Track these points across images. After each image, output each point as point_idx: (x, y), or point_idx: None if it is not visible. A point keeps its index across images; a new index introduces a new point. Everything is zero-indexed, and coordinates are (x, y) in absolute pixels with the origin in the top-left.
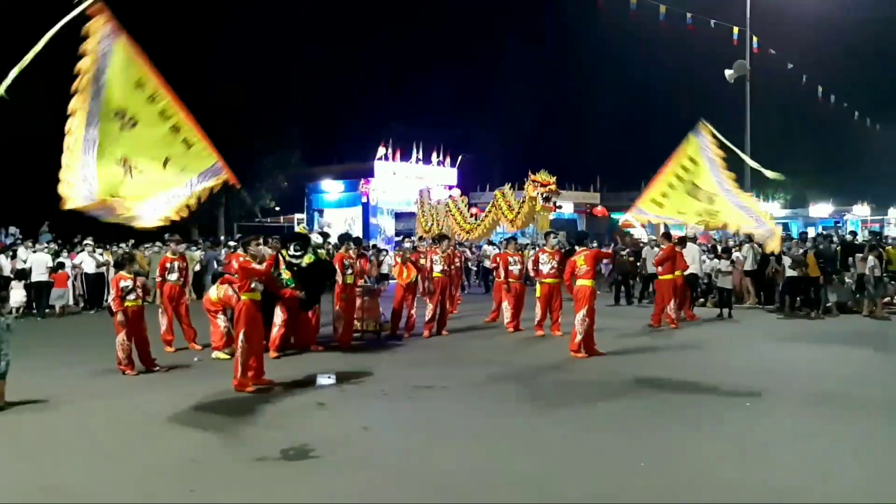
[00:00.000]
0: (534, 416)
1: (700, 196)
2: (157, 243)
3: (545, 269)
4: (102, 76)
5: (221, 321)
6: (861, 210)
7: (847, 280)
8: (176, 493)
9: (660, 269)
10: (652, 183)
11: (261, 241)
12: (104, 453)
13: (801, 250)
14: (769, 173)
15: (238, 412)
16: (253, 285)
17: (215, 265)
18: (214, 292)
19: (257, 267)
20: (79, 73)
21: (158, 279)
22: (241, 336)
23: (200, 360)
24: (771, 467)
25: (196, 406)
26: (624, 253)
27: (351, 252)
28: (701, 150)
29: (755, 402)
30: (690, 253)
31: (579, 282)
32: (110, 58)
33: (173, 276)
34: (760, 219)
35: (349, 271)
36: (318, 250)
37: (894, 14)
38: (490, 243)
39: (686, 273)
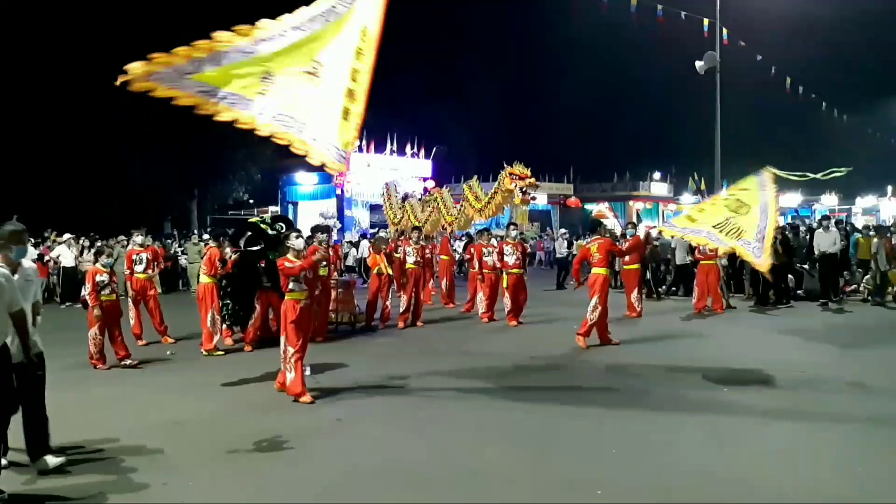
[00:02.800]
0: (507, 405)
1: (740, 211)
2: (122, 237)
3: (510, 260)
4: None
5: (209, 319)
6: (829, 200)
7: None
8: (150, 486)
9: (626, 258)
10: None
11: (299, 233)
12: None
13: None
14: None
15: (210, 404)
16: (291, 285)
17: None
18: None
19: (289, 266)
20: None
21: (127, 272)
22: (283, 339)
23: (173, 353)
24: (743, 455)
25: (168, 398)
26: (657, 243)
27: (322, 244)
28: (760, 188)
29: (732, 389)
30: (683, 244)
31: (594, 270)
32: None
33: (140, 269)
34: (762, 247)
35: (322, 263)
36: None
37: (861, 6)
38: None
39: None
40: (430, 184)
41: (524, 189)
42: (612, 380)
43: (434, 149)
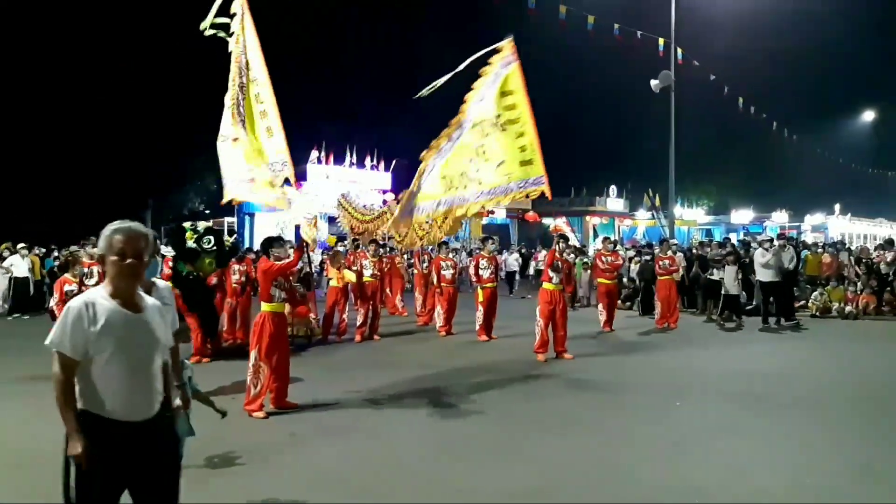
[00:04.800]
0: (465, 419)
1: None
2: (73, 247)
3: (485, 274)
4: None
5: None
6: (780, 217)
7: None
8: None
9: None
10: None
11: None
12: (28, 457)
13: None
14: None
15: None
16: (273, 294)
17: None
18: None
19: (282, 263)
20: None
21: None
22: (254, 353)
23: None
24: (695, 465)
25: None
26: (648, 258)
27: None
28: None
29: (685, 402)
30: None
31: (544, 284)
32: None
33: (92, 282)
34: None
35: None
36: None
37: (812, 30)
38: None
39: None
40: (390, 196)
41: None
42: (570, 394)
43: (394, 161)
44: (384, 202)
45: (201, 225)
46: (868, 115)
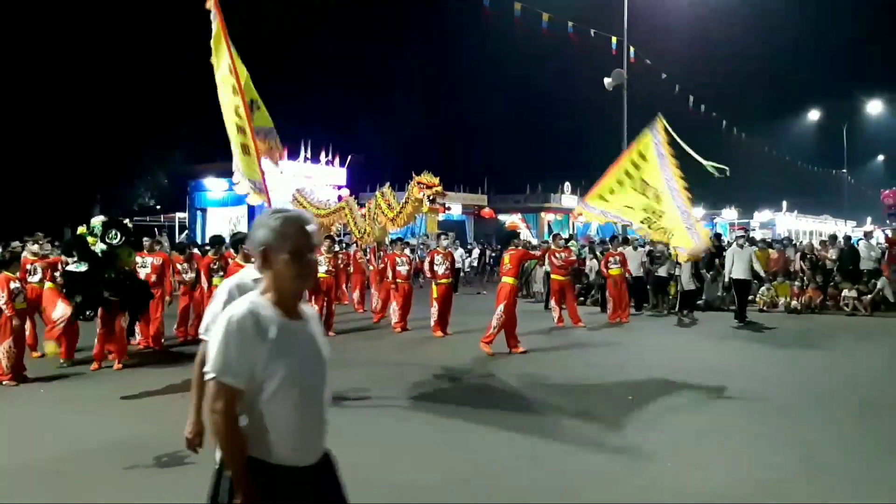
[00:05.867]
0: (419, 416)
1: (648, 193)
2: (16, 242)
3: (440, 270)
4: None
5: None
6: (729, 213)
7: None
8: None
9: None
10: (602, 179)
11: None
12: None
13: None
14: (716, 167)
15: (109, 419)
16: None
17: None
18: None
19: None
20: None
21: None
22: None
23: (65, 364)
24: (650, 462)
25: (65, 414)
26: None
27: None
28: (654, 145)
29: (637, 398)
30: (635, 257)
31: (503, 279)
32: None
33: (35, 279)
34: (694, 227)
35: (220, 274)
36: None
37: (761, 32)
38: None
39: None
40: (346, 192)
41: (432, 198)
42: (522, 389)
43: (349, 157)
44: (339, 198)
45: (95, 221)
46: (814, 115)
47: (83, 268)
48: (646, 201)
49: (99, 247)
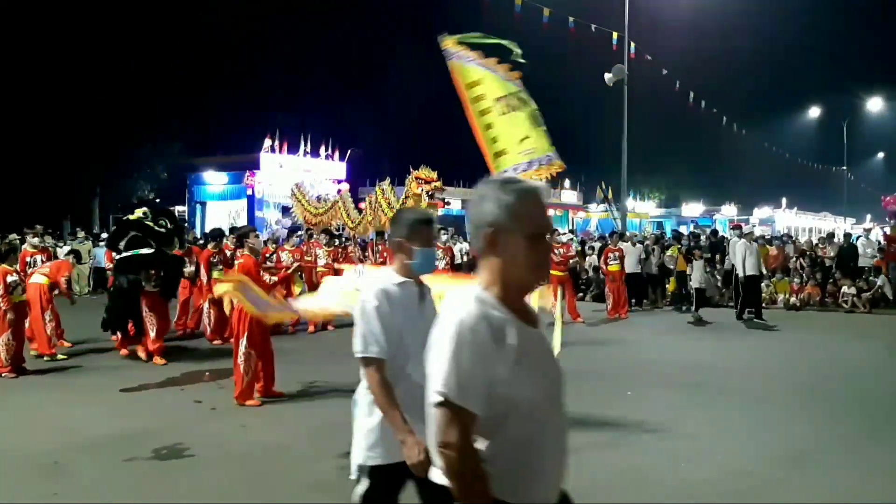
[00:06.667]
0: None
1: (510, 104)
2: (13, 234)
3: (440, 265)
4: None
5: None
6: (728, 210)
7: (717, 275)
8: (39, 497)
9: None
10: (482, 146)
11: (259, 233)
12: None
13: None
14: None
15: (109, 412)
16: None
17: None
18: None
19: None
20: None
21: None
22: (243, 342)
23: (64, 357)
24: (647, 458)
25: (65, 406)
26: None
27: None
28: (464, 63)
29: (635, 393)
30: (634, 253)
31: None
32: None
33: (41, 279)
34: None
35: (220, 268)
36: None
37: (762, 28)
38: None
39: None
40: (345, 186)
41: (430, 193)
42: None
43: (349, 151)
44: (338, 192)
45: (139, 212)
46: (814, 112)
47: (148, 250)
48: (516, 117)
49: (158, 228)
